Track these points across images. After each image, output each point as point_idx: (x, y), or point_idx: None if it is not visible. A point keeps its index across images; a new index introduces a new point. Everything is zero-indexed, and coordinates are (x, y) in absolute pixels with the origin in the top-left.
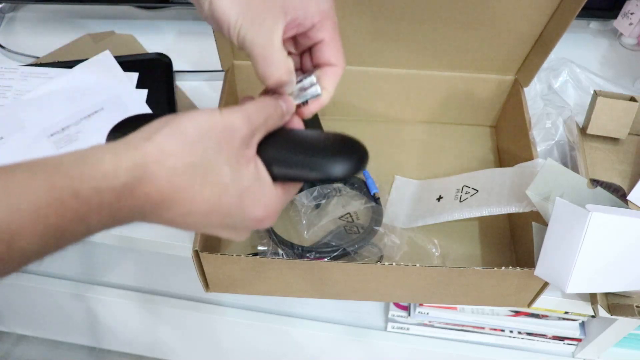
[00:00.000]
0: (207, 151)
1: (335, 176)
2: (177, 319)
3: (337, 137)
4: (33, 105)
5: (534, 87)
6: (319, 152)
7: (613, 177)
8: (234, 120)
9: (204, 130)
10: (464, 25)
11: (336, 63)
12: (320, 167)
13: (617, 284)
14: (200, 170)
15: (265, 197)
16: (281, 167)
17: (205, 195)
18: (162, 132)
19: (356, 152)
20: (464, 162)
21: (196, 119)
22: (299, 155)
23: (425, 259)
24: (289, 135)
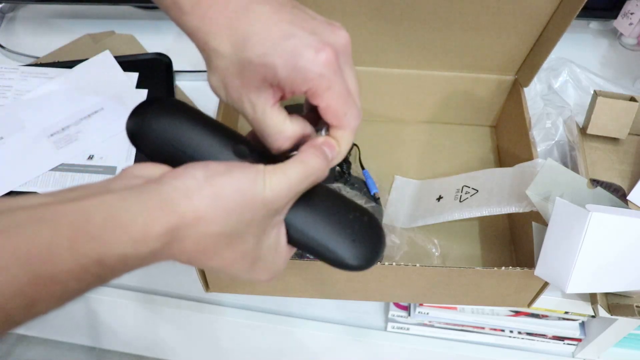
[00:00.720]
0: (240, 223)
1: (348, 267)
2: (177, 319)
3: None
4: (33, 105)
5: (534, 87)
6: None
7: (613, 177)
8: (275, 195)
9: (244, 202)
10: (464, 25)
11: (338, 126)
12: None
13: (617, 284)
14: (227, 238)
15: (275, 265)
16: (300, 241)
17: (224, 256)
18: (203, 194)
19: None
20: (464, 162)
21: (239, 187)
22: (321, 238)
23: (425, 259)
24: (319, 201)
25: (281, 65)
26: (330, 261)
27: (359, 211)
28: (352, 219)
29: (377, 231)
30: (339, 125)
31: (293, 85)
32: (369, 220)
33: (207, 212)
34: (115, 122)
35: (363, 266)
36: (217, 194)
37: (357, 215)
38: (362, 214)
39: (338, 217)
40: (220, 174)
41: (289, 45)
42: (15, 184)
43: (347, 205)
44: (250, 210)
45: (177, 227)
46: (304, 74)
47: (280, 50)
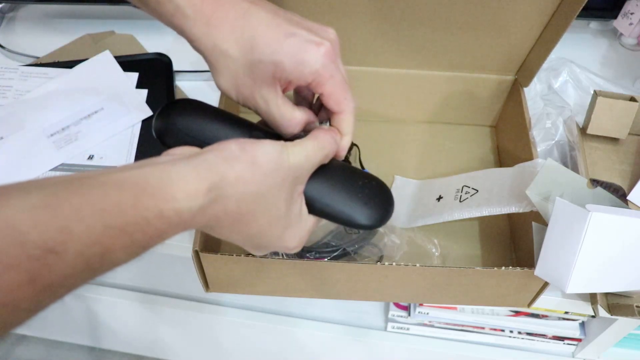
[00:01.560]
0: (273, 187)
1: (365, 226)
2: (177, 319)
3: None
4: (33, 105)
5: (534, 87)
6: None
7: (613, 177)
8: (298, 161)
9: (274, 166)
10: (464, 25)
11: (339, 110)
12: (352, 219)
13: (617, 284)
14: (263, 201)
15: (301, 230)
16: (319, 209)
17: (260, 221)
18: (240, 160)
19: (387, 206)
20: (464, 162)
21: (269, 153)
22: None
23: (425, 259)
24: (332, 174)
25: (288, 61)
26: (347, 222)
27: (367, 178)
28: (361, 185)
29: (385, 193)
30: (340, 109)
31: (299, 78)
32: (377, 184)
33: (245, 174)
34: (115, 122)
35: (375, 224)
36: (252, 159)
37: (366, 181)
38: (370, 180)
39: (349, 184)
40: (252, 144)
41: (293, 42)
42: None
43: (356, 174)
44: (280, 175)
45: (221, 186)
46: (309, 66)
47: (286, 47)
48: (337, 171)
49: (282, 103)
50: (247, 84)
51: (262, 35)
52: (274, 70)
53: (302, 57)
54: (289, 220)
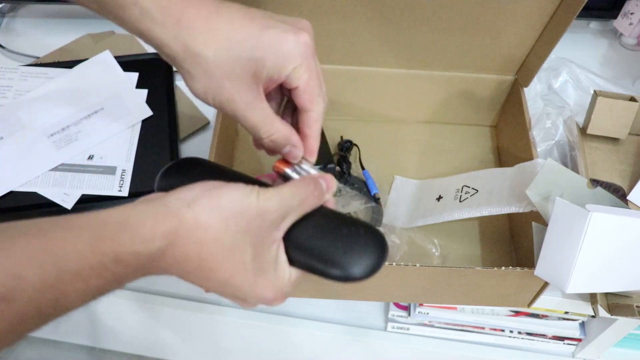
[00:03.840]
0: (237, 232)
1: (354, 279)
2: (177, 319)
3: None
4: (33, 105)
5: (534, 87)
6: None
7: (613, 177)
8: (268, 205)
9: (238, 211)
10: (464, 25)
11: (310, 109)
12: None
13: (617, 284)
14: (226, 247)
15: (278, 280)
16: (301, 256)
17: (225, 267)
18: (200, 203)
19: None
20: (464, 162)
21: (234, 198)
22: (320, 251)
23: (425, 259)
24: (317, 221)
25: (268, 55)
26: (325, 274)
27: (353, 225)
28: (346, 233)
29: (374, 240)
30: (312, 107)
31: (280, 71)
32: (365, 232)
33: (205, 219)
34: (115, 122)
35: (355, 276)
36: (214, 204)
37: (353, 229)
38: (357, 227)
39: (331, 233)
40: (218, 188)
41: (271, 34)
42: (15, 184)
43: (343, 222)
44: (246, 219)
45: (179, 230)
46: (290, 56)
47: (264, 40)
48: (321, 220)
49: (262, 106)
50: (225, 87)
51: (238, 32)
52: (255, 67)
53: (281, 48)
54: (260, 267)
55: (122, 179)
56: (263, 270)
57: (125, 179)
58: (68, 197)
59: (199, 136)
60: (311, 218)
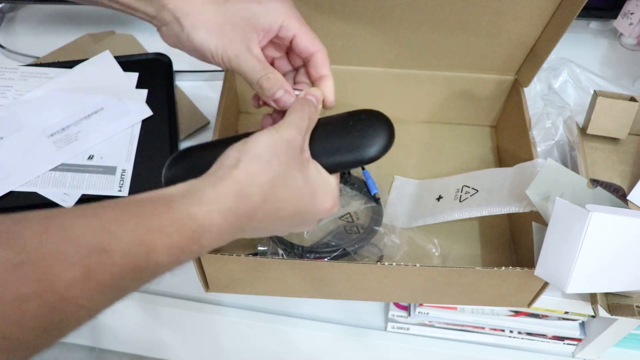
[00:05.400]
0: (281, 165)
1: (377, 153)
2: (177, 319)
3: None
4: (33, 105)
5: (534, 87)
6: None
7: (613, 177)
8: (289, 133)
9: (272, 149)
10: (464, 25)
11: (315, 49)
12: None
13: (617, 284)
14: (280, 181)
15: (329, 187)
16: (330, 159)
17: (289, 200)
18: (244, 160)
19: (386, 130)
20: (464, 162)
21: (263, 142)
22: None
23: (425, 259)
24: (325, 129)
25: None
26: (358, 163)
27: (355, 115)
28: (352, 124)
29: (378, 120)
30: (315, 48)
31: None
32: (366, 116)
33: (254, 169)
34: (115, 122)
35: (382, 150)
36: (252, 154)
37: (355, 118)
38: (358, 115)
39: (342, 130)
40: (246, 143)
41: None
42: (15, 184)
43: (344, 118)
44: (281, 152)
45: (240, 188)
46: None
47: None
48: (328, 126)
49: (259, 52)
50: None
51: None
52: (250, 20)
53: (270, 5)
54: (313, 185)
55: (122, 179)
56: (316, 188)
57: (125, 179)
58: (68, 197)
59: (199, 136)
60: (320, 129)
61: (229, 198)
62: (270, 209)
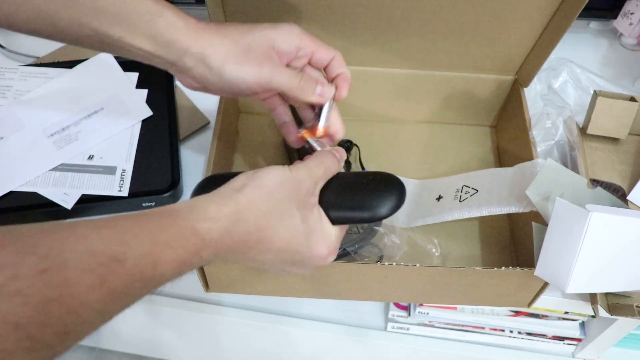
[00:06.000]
0: (282, 200)
1: (383, 216)
2: (177, 319)
3: (380, 179)
4: (33, 105)
5: (534, 87)
6: (366, 199)
7: (613, 177)
8: (300, 174)
9: (279, 184)
10: (464, 25)
11: (332, 53)
12: (369, 211)
13: (617, 284)
14: (277, 214)
15: (328, 236)
16: (337, 211)
17: (281, 234)
18: (249, 186)
19: (396, 191)
20: (464, 162)
21: (272, 175)
22: (350, 202)
23: (425, 259)
24: (340, 182)
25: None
26: (364, 219)
27: (372, 175)
28: (366, 182)
29: (391, 180)
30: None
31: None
32: (381, 177)
33: (255, 197)
34: (115, 122)
35: (391, 210)
36: (259, 183)
37: (371, 178)
38: (374, 175)
39: (356, 185)
40: (258, 172)
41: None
42: (15, 184)
43: (361, 175)
44: (287, 189)
45: (238, 210)
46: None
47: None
48: (344, 179)
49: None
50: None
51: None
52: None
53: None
54: (310, 227)
55: (122, 179)
56: (313, 231)
57: (125, 179)
58: (68, 197)
59: (199, 136)
60: (335, 182)
61: (227, 217)
62: (262, 238)
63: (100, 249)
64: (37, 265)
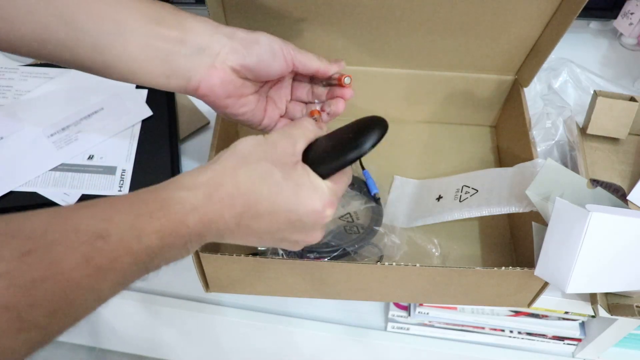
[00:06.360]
0: (258, 160)
1: (366, 150)
2: (177, 319)
3: (359, 121)
4: (33, 105)
5: (534, 87)
6: (348, 138)
7: (613, 177)
8: (274, 136)
9: (253, 147)
10: (464, 25)
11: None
12: (350, 148)
13: (617, 284)
14: (256, 175)
15: (318, 189)
16: (322, 163)
17: (264, 193)
18: (223, 155)
19: (376, 124)
20: (464, 162)
21: (245, 142)
22: (333, 148)
23: (425, 259)
24: (323, 139)
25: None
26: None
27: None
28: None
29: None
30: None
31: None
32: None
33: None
34: (115, 122)
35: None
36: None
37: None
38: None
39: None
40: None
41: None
42: (15, 184)
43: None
44: (262, 151)
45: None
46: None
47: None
48: (326, 136)
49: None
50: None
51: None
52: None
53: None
54: (295, 183)
55: (122, 179)
56: (300, 185)
57: (125, 179)
58: (68, 197)
59: (199, 136)
60: (318, 140)
61: (205, 184)
62: (248, 202)
63: (83, 227)
64: (21, 247)
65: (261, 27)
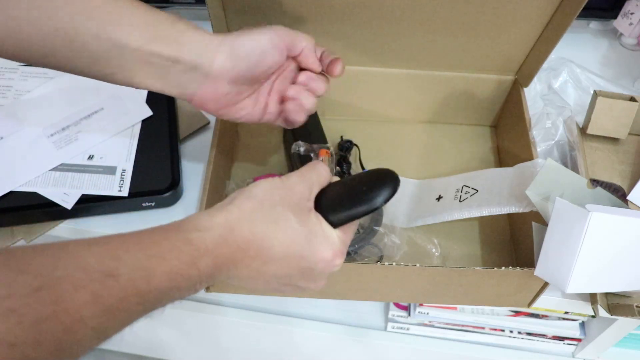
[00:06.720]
0: (275, 205)
1: (378, 205)
2: (177, 319)
3: (371, 173)
4: (33, 105)
5: (534, 87)
6: (359, 193)
7: (613, 177)
8: (291, 180)
9: (269, 191)
10: (464, 25)
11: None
12: (365, 204)
13: (617, 284)
14: (272, 219)
15: (330, 239)
16: (334, 212)
17: (280, 238)
18: (238, 198)
19: (388, 179)
20: (464, 162)
21: (261, 185)
22: (346, 199)
23: (425, 259)
24: (335, 187)
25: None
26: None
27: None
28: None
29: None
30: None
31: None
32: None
33: (245, 206)
34: (115, 122)
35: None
36: (248, 194)
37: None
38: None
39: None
40: (248, 186)
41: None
42: (15, 184)
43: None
44: (278, 195)
45: (230, 220)
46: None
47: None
48: (338, 183)
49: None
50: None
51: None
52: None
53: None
54: (309, 231)
55: (122, 179)
56: (313, 233)
57: (125, 179)
58: (68, 197)
59: (199, 136)
60: (329, 188)
61: (220, 226)
62: (262, 246)
63: (93, 264)
64: (30, 283)
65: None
